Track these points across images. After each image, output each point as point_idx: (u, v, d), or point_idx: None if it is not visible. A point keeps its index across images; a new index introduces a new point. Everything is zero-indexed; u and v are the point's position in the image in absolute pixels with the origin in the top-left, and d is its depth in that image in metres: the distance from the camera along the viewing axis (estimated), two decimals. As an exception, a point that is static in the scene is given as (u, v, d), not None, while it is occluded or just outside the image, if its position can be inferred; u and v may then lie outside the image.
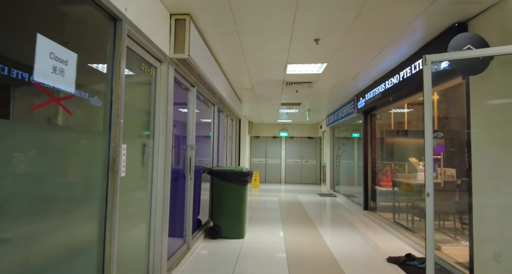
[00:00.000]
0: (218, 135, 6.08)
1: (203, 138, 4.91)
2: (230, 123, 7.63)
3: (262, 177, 13.27)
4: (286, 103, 7.93)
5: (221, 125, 6.17)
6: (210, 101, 5.04)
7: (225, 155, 6.81)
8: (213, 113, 5.29)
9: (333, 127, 10.04)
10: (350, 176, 8.03)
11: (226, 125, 6.88)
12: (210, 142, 5.21)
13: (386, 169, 6.49)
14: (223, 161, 6.24)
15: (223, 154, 6.31)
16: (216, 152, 5.79)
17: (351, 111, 7.08)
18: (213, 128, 5.27)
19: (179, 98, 3.54)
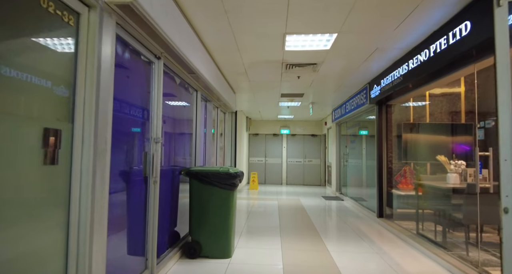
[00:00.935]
0: (205, 129, 5.12)
1: (186, 132, 3.96)
2: (222, 117, 6.66)
3: (261, 177, 12.30)
4: (286, 94, 6.95)
5: (208, 117, 5.21)
6: (190, 85, 4.09)
7: (215, 154, 5.84)
8: (195, 101, 4.33)
9: (340, 123, 9.04)
10: (360, 177, 7.04)
11: (216, 119, 5.92)
12: (191, 136, 4.25)
13: (404, 169, 5.50)
14: (211, 161, 5.28)
15: (212, 152, 5.35)
16: (201, 149, 4.83)
17: (362, 102, 6.09)
18: (195, 119, 4.31)
19: (137, 73, 2.58)
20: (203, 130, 5.01)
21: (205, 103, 5.15)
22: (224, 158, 6.73)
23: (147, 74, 2.76)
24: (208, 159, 5.14)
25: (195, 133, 4.30)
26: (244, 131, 10.60)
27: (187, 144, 4.05)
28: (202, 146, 4.94)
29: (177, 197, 3.69)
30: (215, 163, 5.74)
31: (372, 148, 6.24)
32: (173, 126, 3.54)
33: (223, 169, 3.52)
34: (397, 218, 5.30)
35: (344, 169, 8.55)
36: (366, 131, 6.70)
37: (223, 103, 6.03)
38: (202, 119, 4.97)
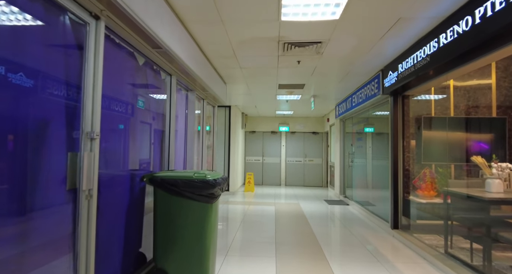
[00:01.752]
0: (186, 123, 4.25)
1: (155, 126, 3.09)
2: (211, 111, 5.79)
3: (258, 178, 11.43)
4: (285, 85, 6.07)
5: (190, 110, 4.34)
6: (161, 67, 3.21)
7: (201, 154, 4.97)
8: (168, 88, 3.45)
9: (344, 119, 8.16)
10: (368, 179, 6.18)
11: (202, 113, 5.04)
12: (162, 132, 3.38)
13: (423, 172, 4.64)
14: (194, 163, 4.41)
15: (196, 152, 4.47)
16: (179, 149, 3.96)
17: (373, 93, 5.21)
18: (169, 110, 3.44)
19: (57, 36, 1.71)
20: (182, 126, 4.14)
21: (186, 93, 4.28)
22: (214, 159, 5.87)
23: (78, 39, 1.89)
24: (189, 160, 4.27)
25: (169, 128, 3.43)
26: (239, 128, 9.73)
27: (157, 142, 3.17)
28: (181, 145, 4.07)
29: (141, 210, 2.83)
30: (199, 166, 4.88)
31: (383, 147, 5.38)
32: (132, 117, 2.67)
33: (198, 174, 2.65)
34: (417, 230, 4.44)
35: (349, 170, 7.68)
36: (375, 128, 5.82)
37: (211, 96, 5.15)
38: (181, 112, 4.10)
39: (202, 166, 4.97)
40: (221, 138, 8.73)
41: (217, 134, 8.72)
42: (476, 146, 4.12)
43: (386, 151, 5.18)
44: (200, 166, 4.93)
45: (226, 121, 8.74)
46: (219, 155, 8.70)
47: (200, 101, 4.96)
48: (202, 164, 4.98)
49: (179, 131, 4.07)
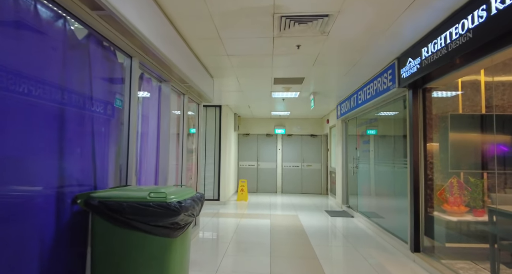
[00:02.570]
0: (158, 122, 3.38)
1: (105, 124, 2.22)
2: (195, 109, 4.92)
3: (253, 185, 10.55)
4: (281, 79, 5.24)
5: (164, 106, 3.47)
6: (112, 42, 2.36)
7: (180, 161, 4.10)
8: (128, 73, 2.59)
9: (347, 120, 7.35)
10: (376, 187, 5.34)
11: (182, 111, 4.18)
12: (119, 132, 2.51)
13: (450, 181, 3.81)
14: (167, 172, 3.51)
15: (168, 159, 3.60)
16: (151, 155, 3.10)
17: (386, 87, 4.40)
18: (128, 103, 2.57)
19: None
20: (153, 125, 3.27)
21: (159, 85, 3.42)
22: (199, 166, 4.99)
23: None
24: (162, 170, 3.39)
25: (127, 127, 2.56)
26: (231, 130, 8.87)
27: (105, 146, 2.29)
28: (152, 150, 3.20)
29: (77, 250, 1.95)
30: (178, 176, 4.00)
31: (395, 151, 4.56)
32: (66, 110, 1.80)
33: (156, 194, 1.79)
34: (444, 254, 3.60)
35: (353, 177, 6.85)
36: (386, 129, 5.00)
37: (195, 91, 4.30)
38: (152, 108, 3.24)
39: (182, 176, 4.10)
40: (211, 141, 7.86)
41: (207, 137, 7.86)
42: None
43: (400, 155, 4.36)
44: (180, 176, 4.06)
45: (216, 122, 7.88)
46: (208, 161, 7.82)
47: (180, 96, 4.10)
48: (182, 173, 4.10)
49: (150, 133, 3.20)
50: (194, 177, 4.89)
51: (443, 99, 3.91)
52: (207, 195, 7.77)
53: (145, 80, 3.07)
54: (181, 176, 4.08)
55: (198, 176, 4.96)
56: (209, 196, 7.77)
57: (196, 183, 4.94)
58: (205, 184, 7.78)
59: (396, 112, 4.59)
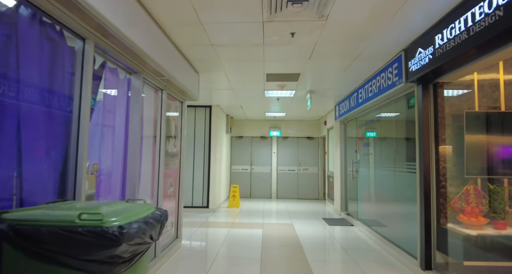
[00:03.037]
0: (127, 121, 2.88)
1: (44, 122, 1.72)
2: (177, 107, 4.42)
3: (246, 190, 10.03)
4: (275, 75, 4.76)
5: (134, 103, 2.96)
6: (58, 21, 1.86)
7: (157, 167, 3.59)
8: (80, 57, 2.09)
9: (346, 121, 6.88)
10: (379, 193, 4.86)
11: (160, 108, 3.67)
12: (67, 130, 2.00)
13: (466, 189, 3.34)
14: (135, 183, 2.99)
15: (137, 164, 3.08)
16: (117, 161, 2.60)
17: (392, 82, 3.93)
18: (78, 91, 2.07)
19: None
20: (121, 124, 2.77)
21: (128, 77, 2.92)
22: (181, 172, 4.48)
23: None
24: (130, 178, 2.87)
25: (77, 123, 2.05)
26: (223, 133, 8.37)
27: (41, 146, 1.78)
28: (118, 155, 2.69)
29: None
30: (155, 185, 3.49)
31: (401, 153, 4.08)
32: None
33: (89, 215, 1.28)
34: (462, 273, 3.11)
35: (353, 182, 6.37)
36: (389, 131, 4.53)
37: (176, 87, 3.80)
38: (119, 104, 2.74)
39: (159, 184, 3.58)
40: (200, 144, 7.35)
41: (196, 140, 7.34)
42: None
43: (407, 159, 3.88)
44: (156, 183, 3.54)
45: (206, 124, 7.38)
46: (197, 165, 7.30)
47: (157, 92, 3.60)
48: (159, 180, 3.58)
49: (116, 134, 2.70)
50: (176, 184, 4.37)
51: (456, 96, 3.45)
52: (196, 202, 7.24)
53: (108, 70, 2.56)
54: (157, 184, 3.57)
55: (180, 183, 4.44)
56: (198, 203, 7.24)
57: (177, 191, 4.42)
58: (194, 190, 7.25)
59: (402, 111, 4.12)
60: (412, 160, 3.78)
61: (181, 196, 4.45)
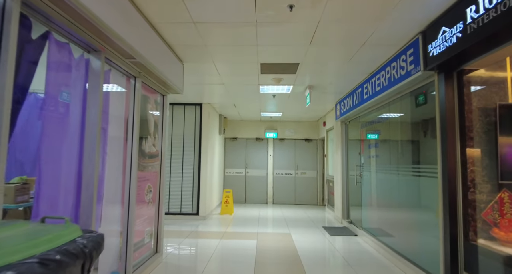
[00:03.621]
0: (83, 113, 2.30)
1: None
2: (158, 100, 3.83)
3: (241, 195, 9.42)
4: (270, 66, 4.20)
5: (92, 91, 2.37)
6: None
7: (128, 171, 3.00)
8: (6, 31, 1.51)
9: (348, 121, 6.33)
10: (388, 199, 4.29)
11: (133, 99, 3.08)
12: None
13: (499, 197, 2.78)
14: (91, 193, 2.39)
15: (96, 165, 2.49)
16: (69, 159, 2.00)
17: (406, 72, 3.38)
18: None
19: None
20: (74, 115, 2.18)
21: (87, 57, 2.34)
22: (161, 176, 3.88)
23: None
24: (87, 184, 2.27)
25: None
26: (215, 134, 7.78)
27: None
28: (70, 154, 2.10)
29: None
30: (125, 191, 2.89)
31: (415, 155, 3.53)
32: None
33: None
34: (497, 301, 2.53)
35: (356, 187, 5.80)
36: (401, 129, 3.98)
37: (155, 76, 3.23)
38: (71, 88, 2.15)
39: (130, 190, 2.98)
40: (189, 146, 6.75)
41: (185, 141, 6.75)
42: None
43: (424, 161, 3.33)
44: (127, 189, 2.95)
45: (196, 123, 6.79)
46: (186, 168, 6.69)
47: (129, 80, 3.02)
48: (130, 185, 2.99)
49: (70, 127, 2.11)
50: (156, 189, 3.77)
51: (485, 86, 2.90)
52: (185, 208, 6.63)
53: (54, 44, 1.98)
54: (129, 190, 2.97)
55: (161, 188, 3.85)
56: (187, 209, 6.62)
57: (158, 197, 3.83)
58: (182, 196, 6.64)
59: (417, 107, 3.57)
60: (430, 162, 3.22)
61: (161, 202, 3.86)
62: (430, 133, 3.28)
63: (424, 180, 3.35)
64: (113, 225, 2.77)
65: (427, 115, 3.32)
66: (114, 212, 2.78)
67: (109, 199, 2.67)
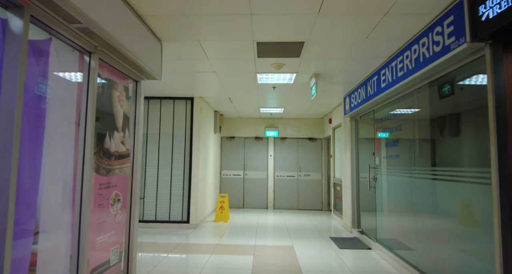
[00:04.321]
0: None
1: None
2: (131, 86, 3.09)
3: (238, 200, 8.68)
4: (269, 45, 3.46)
5: (8, 53, 1.63)
6: None
7: (78, 172, 2.26)
8: None
9: (359, 116, 5.58)
10: (414, 208, 3.53)
11: (86, 80, 2.34)
12: None
13: None
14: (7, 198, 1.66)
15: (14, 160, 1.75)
16: None
17: (442, 47, 2.62)
18: None
19: None
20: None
21: (4, 17, 1.60)
22: (133, 181, 3.15)
23: None
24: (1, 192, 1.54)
25: None
26: (210, 132, 7.05)
27: None
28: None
29: None
30: (66, 197, 2.16)
31: (452, 154, 2.77)
32: None
33: None
34: None
35: (369, 191, 5.04)
36: (431, 123, 3.23)
37: (121, 55, 2.50)
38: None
39: (82, 196, 2.24)
40: (179, 145, 6.02)
41: (174, 140, 6.02)
42: None
43: (468, 163, 2.57)
44: (77, 195, 2.21)
45: (186, 120, 6.06)
46: (175, 170, 5.96)
47: (82, 57, 2.28)
48: (82, 190, 2.25)
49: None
50: (127, 198, 3.03)
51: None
52: (174, 215, 5.89)
53: None
54: (80, 200, 2.23)
55: (133, 196, 3.11)
56: (176, 217, 5.88)
57: (129, 208, 3.09)
58: (171, 202, 5.91)
59: (453, 94, 2.81)
60: (480, 164, 2.46)
61: (134, 214, 3.12)
62: (471, 127, 2.52)
63: (463, 186, 2.60)
64: (58, 249, 2.04)
65: (467, 106, 2.57)
66: (58, 232, 2.04)
67: (49, 212, 1.94)
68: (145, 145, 6.02)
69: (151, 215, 5.89)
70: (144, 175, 5.96)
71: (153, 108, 6.09)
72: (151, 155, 6.00)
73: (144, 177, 5.96)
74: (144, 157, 5.99)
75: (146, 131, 6.05)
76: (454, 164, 2.75)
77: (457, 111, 2.74)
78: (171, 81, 4.91)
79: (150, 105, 6.10)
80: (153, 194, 5.92)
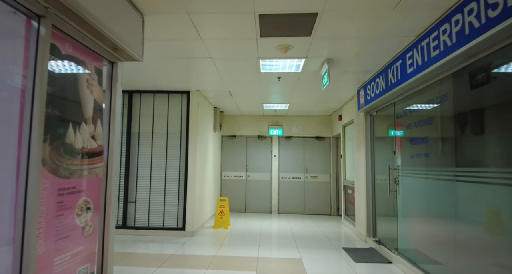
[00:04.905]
0: None
1: None
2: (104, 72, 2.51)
3: (240, 203, 8.08)
4: (274, 19, 2.86)
5: None
6: None
7: (20, 184, 1.67)
8: None
9: (375, 110, 4.96)
10: (446, 216, 2.90)
11: (32, 55, 1.77)
12: None
13: None
14: None
15: None
16: None
17: (497, 15, 2.01)
18: None
19: None
20: None
21: None
22: (108, 184, 2.57)
23: None
24: None
25: None
26: (209, 130, 6.48)
27: None
28: None
29: None
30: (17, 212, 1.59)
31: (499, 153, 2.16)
32: None
33: None
34: None
35: (389, 196, 4.42)
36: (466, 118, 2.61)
37: (87, 25, 1.94)
38: None
39: (27, 203, 1.66)
40: (175, 145, 5.44)
41: (168, 139, 5.45)
42: None
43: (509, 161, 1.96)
44: (21, 212, 1.63)
45: (182, 117, 5.49)
46: (170, 172, 5.38)
47: (29, 23, 1.71)
48: (27, 196, 1.67)
49: None
50: (99, 206, 2.45)
51: None
52: (168, 222, 5.31)
53: None
54: (24, 209, 1.65)
55: (107, 205, 2.52)
56: (171, 223, 5.30)
57: (102, 219, 2.50)
58: (165, 207, 5.33)
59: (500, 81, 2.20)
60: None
61: (109, 225, 2.53)
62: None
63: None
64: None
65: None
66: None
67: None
68: (137, 144, 5.45)
69: (144, 221, 5.32)
70: (136, 177, 5.39)
71: (145, 104, 5.52)
72: (144, 154, 5.43)
73: (136, 179, 5.39)
74: (136, 157, 5.42)
75: (138, 130, 5.49)
76: (504, 165, 2.13)
77: (502, 102, 2.13)
78: (164, 70, 4.34)
79: (142, 100, 5.54)
80: (145, 198, 5.35)
